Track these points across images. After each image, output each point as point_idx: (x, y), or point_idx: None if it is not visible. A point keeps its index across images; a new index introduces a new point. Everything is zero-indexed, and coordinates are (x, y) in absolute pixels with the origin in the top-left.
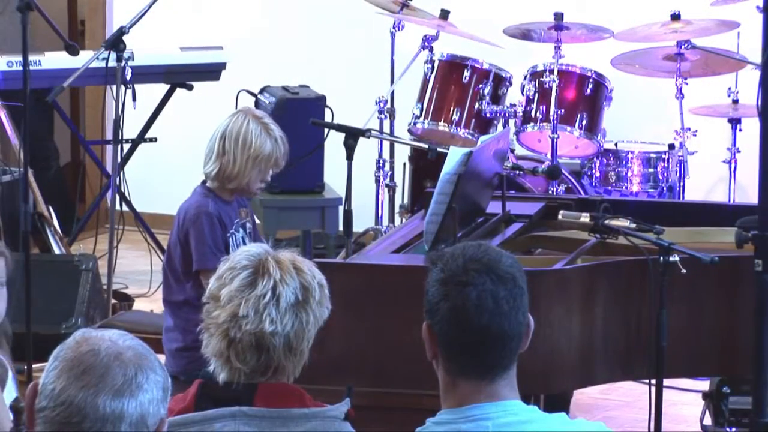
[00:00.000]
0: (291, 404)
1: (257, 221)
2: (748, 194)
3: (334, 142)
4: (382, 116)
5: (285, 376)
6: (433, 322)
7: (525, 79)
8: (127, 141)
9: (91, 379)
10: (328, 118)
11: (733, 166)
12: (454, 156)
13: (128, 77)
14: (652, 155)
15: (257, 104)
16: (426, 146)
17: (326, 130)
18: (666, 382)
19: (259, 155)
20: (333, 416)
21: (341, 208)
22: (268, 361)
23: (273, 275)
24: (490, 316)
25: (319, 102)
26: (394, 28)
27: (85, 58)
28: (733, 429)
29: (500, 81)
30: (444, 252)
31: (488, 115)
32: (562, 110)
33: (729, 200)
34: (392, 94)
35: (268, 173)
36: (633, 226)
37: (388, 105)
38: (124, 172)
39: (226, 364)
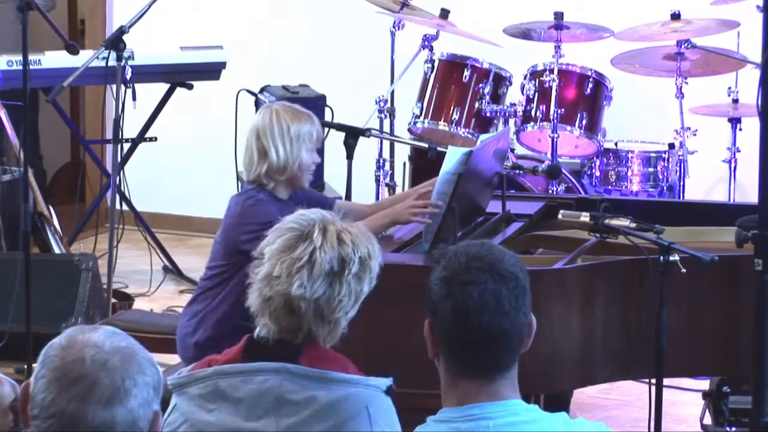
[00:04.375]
0: (334, 368)
1: None
2: (748, 194)
3: (334, 142)
4: (382, 116)
5: (318, 343)
6: (434, 320)
7: (525, 78)
8: (127, 140)
9: (79, 390)
10: (328, 117)
11: (733, 165)
12: (453, 155)
13: (128, 77)
14: (652, 155)
15: (257, 104)
16: (426, 145)
17: (326, 129)
18: (666, 381)
19: (300, 134)
20: (374, 386)
21: None
22: (298, 324)
23: (314, 242)
24: (492, 315)
25: (319, 101)
26: (394, 27)
27: (85, 58)
28: (733, 429)
29: (500, 80)
30: (447, 250)
31: (488, 114)
32: (562, 110)
33: (729, 200)
34: (392, 93)
35: (315, 153)
36: (633, 225)
37: (388, 104)
38: (124, 172)
39: (261, 320)
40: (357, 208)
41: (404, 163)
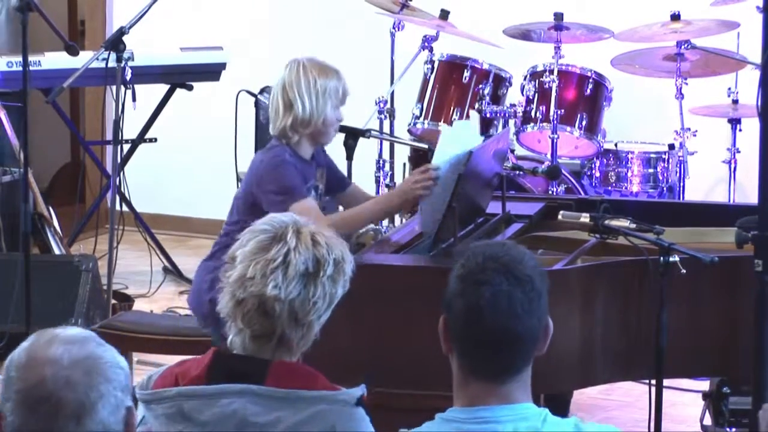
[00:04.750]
0: (301, 385)
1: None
2: (748, 194)
3: (334, 143)
4: (382, 116)
5: (289, 347)
6: (448, 317)
7: (525, 79)
8: (127, 141)
9: (46, 410)
10: None
11: (732, 166)
12: (451, 138)
13: (128, 77)
14: (652, 155)
15: (257, 104)
16: (426, 146)
17: None
18: (666, 382)
19: (327, 89)
20: (343, 400)
21: (341, 208)
22: (272, 327)
23: (288, 243)
24: (504, 317)
25: None
26: (394, 28)
27: (85, 59)
28: (733, 429)
29: (500, 81)
30: (468, 248)
31: (488, 115)
32: (562, 110)
33: (729, 200)
34: (392, 94)
35: (340, 110)
36: (633, 226)
37: (388, 105)
38: (124, 173)
39: (233, 325)
40: (367, 197)
41: (404, 164)
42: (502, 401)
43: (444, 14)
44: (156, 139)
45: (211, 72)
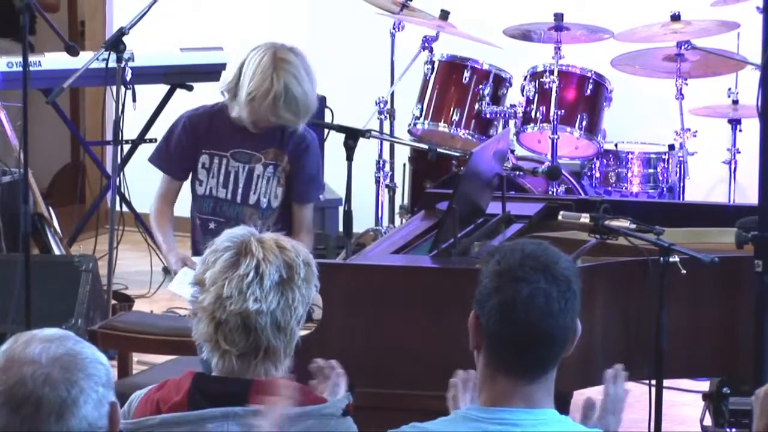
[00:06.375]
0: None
1: None
2: (748, 195)
3: (334, 143)
4: (382, 117)
5: (276, 357)
6: (480, 313)
7: (525, 79)
8: (127, 142)
9: (27, 410)
10: (328, 118)
11: (733, 166)
12: None
13: (128, 78)
14: (652, 156)
15: None
16: (426, 147)
17: (326, 130)
18: (666, 382)
19: (254, 93)
20: (329, 414)
21: (341, 209)
22: (257, 342)
23: (256, 255)
24: (539, 315)
25: (319, 102)
26: (394, 28)
27: (85, 59)
28: (733, 429)
29: (500, 82)
30: (503, 245)
31: (488, 115)
32: (562, 111)
33: (729, 201)
34: (392, 94)
35: (264, 114)
36: (633, 226)
37: (388, 106)
38: (124, 173)
39: (216, 348)
40: (297, 223)
41: (404, 165)
42: (525, 404)
43: (444, 15)
44: (156, 140)
45: (211, 72)
